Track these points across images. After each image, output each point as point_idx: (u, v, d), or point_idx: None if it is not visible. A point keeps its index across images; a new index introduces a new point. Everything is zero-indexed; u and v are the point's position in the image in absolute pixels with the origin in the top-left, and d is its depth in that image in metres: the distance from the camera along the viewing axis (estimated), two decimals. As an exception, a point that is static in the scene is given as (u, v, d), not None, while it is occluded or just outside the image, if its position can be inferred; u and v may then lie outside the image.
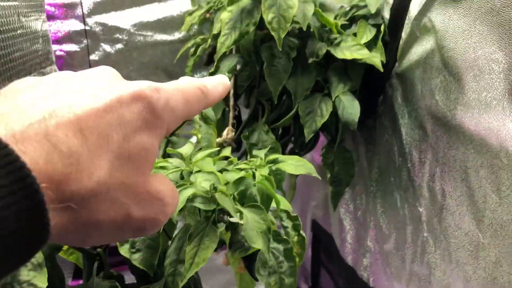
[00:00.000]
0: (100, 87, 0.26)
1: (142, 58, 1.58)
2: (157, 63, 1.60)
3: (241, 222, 0.53)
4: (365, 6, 0.99)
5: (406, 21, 0.86)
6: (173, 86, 0.29)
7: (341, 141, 1.02)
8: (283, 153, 1.08)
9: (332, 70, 0.99)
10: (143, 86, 0.27)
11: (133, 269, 0.69)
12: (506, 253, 0.62)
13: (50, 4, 1.44)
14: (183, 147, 0.63)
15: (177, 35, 1.57)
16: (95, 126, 0.24)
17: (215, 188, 0.54)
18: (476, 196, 0.68)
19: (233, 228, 0.57)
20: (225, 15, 0.90)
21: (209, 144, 0.81)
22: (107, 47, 1.54)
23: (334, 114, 0.97)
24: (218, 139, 0.98)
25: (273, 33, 0.85)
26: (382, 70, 0.90)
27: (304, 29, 0.90)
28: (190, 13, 1.41)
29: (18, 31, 1.15)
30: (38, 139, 0.22)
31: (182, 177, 0.61)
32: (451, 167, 0.74)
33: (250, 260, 0.75)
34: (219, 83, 0.33)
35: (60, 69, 1.50)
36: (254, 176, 0.63)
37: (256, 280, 0.76)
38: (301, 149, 1.12)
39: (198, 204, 0.54)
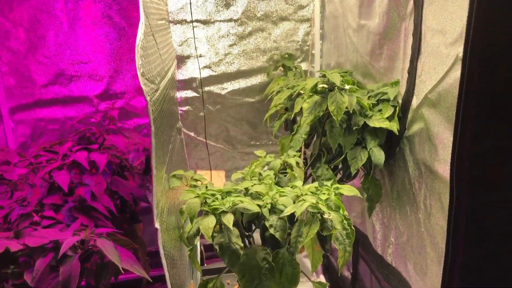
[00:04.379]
0: None
1: (233, 114, 2.29)
2: (243, 117, 2.30)
3: (330, 217, 1.20)
4: (387, 93, 1.65)
5: (410, 109, 1.52)
6: None
7: (373, 174, 1.67)
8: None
9: (367, 132, 1.65)
10: None
11: (267, 242, 1.36)
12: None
13: (178, 80, 2.17)
14: (296, 181, 1.31)
15: (256, 98, 2.28)
16: None
17: (317, 202, 1.21)
18: (444, 207, 1.32)
19: (323, 221, 1.24)
20: (305, 105, 1.58)
21: (299, 178, 1.49)
22: (210, 107, 2.25)
23: (369, 158, 1.62)
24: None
25: (333, 117, 1.52)
26: (397, 133, 1.56)
27: (351, 111, 1.57)
28: (269, 84, 2.10)
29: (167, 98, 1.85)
30: None
31: (298, 197, 1.29)
32: (434, 192, 1.39)
33: (324, 241, 1.40)
34: None
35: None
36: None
37: (326, 253, 1.42)
38: (347, 178, 1.77)
39: (309, 209, 1.22)
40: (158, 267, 1.66)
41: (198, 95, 2.23)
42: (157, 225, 1.09)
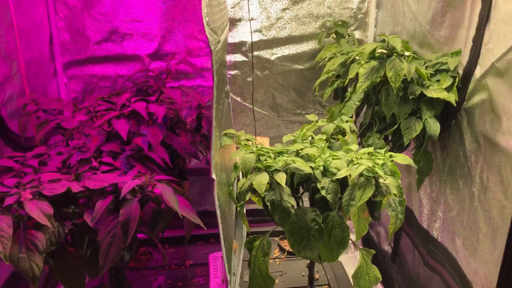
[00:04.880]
0: None
1: (281, 80, 2.27)
2: (290, 84, 2.28)
3: (386, 182, 1.18)
4: (446, 63, 1.59)
5: (472, 79, 1.46)
6: None
7: (425, 146, 1.63)
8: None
9: (423, 102, 1.60)
10: None
11: (316, 205, 1.35)
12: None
13: (228, 43, 2.15)
14: (351, 145, 1.29)
15: (306, 65, 2.24)
16: None
17: (373, 166, 1.19)
18: (504, 180, 1.28)
19: (378, 185, 1.22)
20: (362, 70, 1.55)
21: (353, 142, 1.47)
22: (258, 73, 2.23)
23: (422, 129, 1.58)
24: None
25: (391, 84, 1.48)
26: (455, 105, 1.51)
27: (409, 79, 1.52)
28: (320, 51, 2.06)
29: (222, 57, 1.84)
30: None
31: (351, 161, 1.27)
32: (492, 165, 1.34)
33: (374, 208, 1.38)
34: None
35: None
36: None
37: (375, 220, 1.40)
38: (398, 149, 1.73)
39: (365, 172, 1.20)
40: (198, 227, 1.69)
41: (247, 59, 2.21)
42: (213, 176, 1.10)
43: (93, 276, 1.20)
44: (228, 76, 2.21)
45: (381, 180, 1.21)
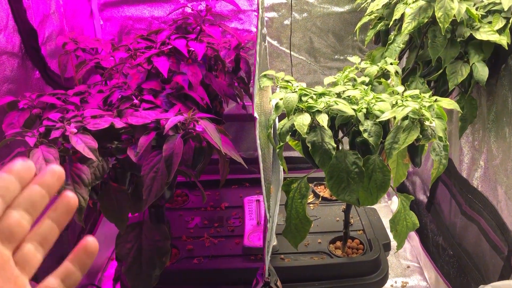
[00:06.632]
0: None
1: (319, 24, 2.20)
2: (329, 28, 2.21)
3: (432, 125, 1.14)
4: (500, 3, 1.50)
5: (527, 19, 1.37)
6: None
7: (471, 92, 1.57)
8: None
9: (471, 45, 1.53)
10: None
11: (357, 149, 1.33)
12: None
13: (264, -15, 2.08)
14: (397, 88, 1.24)
15: (346, 8, 2.16)
16: None
17: (419, 109, 1.15)
18: (557, 127, 1.22)
19: (423, 128, 1.19)
20: (408, 10, 1.47)
21: (397, 84, 1.42)
22: (296, 15, 2.16)
23: (469, 74, 1.51)
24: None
25: (440, 24, 1.41)
26: (506, 48, 1.43)
27: (458, 20, 1.44)
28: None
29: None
30: None
31: (396, 103, 1.23)
32: (544, 110, 1.28)
33: (415, 153, 1.35)
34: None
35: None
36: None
37: (416, 166, 1.37)
38: (441, 96, 1.67)
39: (411, 114, 1.16)
40: (232, 172, 1.69)
41: (285, 1, 2.14)
42: (255, 114, 1.08)
43: (136, 211, 1.23)
44: (266, 19, 2.15)
45: (427, 123, 1.17)
